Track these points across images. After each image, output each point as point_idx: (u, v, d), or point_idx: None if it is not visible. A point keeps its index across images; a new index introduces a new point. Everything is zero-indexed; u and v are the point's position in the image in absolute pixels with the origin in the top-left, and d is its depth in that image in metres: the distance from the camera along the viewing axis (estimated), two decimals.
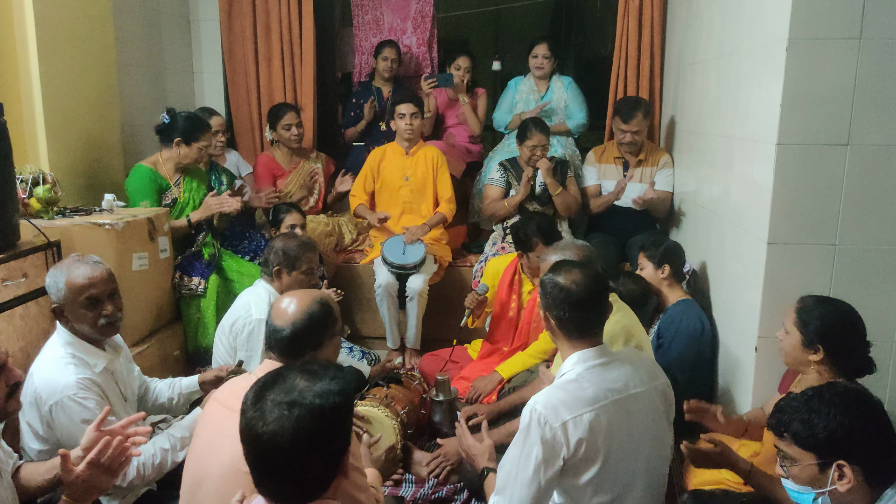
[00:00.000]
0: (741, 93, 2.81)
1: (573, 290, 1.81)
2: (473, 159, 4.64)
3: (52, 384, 2.03)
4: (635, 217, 3.94)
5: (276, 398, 1.27)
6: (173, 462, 2.15)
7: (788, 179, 2.40)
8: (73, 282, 2.09)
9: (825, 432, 1.47)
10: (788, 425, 1.53)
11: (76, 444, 2.01)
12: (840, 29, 2.30)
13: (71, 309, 2.10)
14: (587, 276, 1.84)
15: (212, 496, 1.61)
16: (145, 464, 2.09)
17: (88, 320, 2.11)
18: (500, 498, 1.79)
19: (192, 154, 3.35)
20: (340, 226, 4.27)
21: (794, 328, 2.06)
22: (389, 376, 3.02)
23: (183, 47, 4.58)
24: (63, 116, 3.17)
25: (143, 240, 2.99)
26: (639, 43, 4.29)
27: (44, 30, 3.02)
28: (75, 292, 2.08)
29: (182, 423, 2.25)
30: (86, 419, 1.99)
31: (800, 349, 2.04)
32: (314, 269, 2.82)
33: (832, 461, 1.47)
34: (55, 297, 2.10)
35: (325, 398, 1.28)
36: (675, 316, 2.98)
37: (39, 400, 2.03)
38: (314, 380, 1.31)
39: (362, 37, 4.97)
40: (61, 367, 2.06)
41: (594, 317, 1.86)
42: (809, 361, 2.03)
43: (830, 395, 1.52)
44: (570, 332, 1.84)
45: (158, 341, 3.11)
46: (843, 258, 2.42)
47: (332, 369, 1.37)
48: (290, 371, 1.34)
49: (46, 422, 2.04)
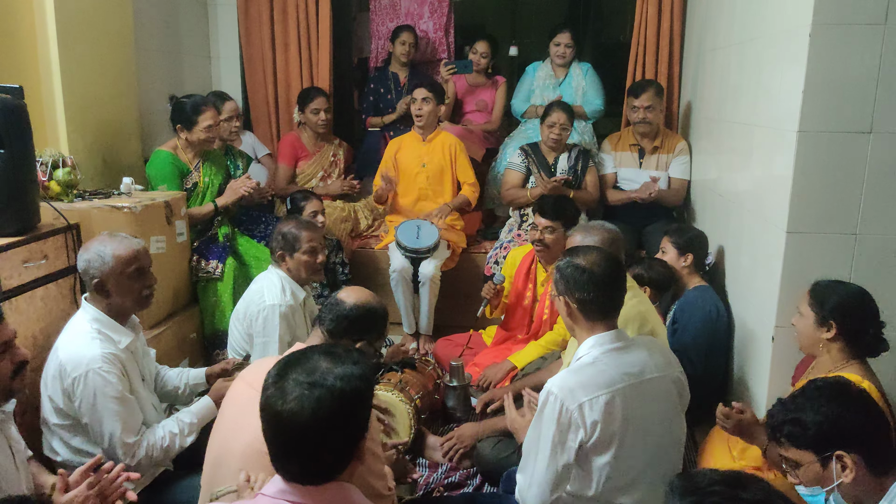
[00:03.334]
0: (762, 79, 2.78)
1: (595, 270, 1.82)
2: (491, 146, 4.62)
3: (78, 357, 2.06)
4: (651, 205, 3.92)
5: (297, 377, 1.28)
6: (181, 446, 2.19)
7: (809, 167, 2.37)
8: (121, 254, 2.15)
9: (815, 426, 1.49)
10: (781, 429, 1.55)
11: (92, 420, 2.05)
12: (864, 14, 2.25)
13: (117, 281, 2.15)
14: (604, 256, 1.87)
15: (234, 474, 1.63)
16: (154, 445, 2.13)
17: (134, 292, 2.18)
18: (522, 477, 1.83)
19: (199, 136, 3.34)
20: (356, 211, 4.29)
21: (807, 309, 2.07)
22: (404, 361, 3.03)
23: (200, 32, 4.59)
24: (82, 100, 3.19)
25: (160, 223, 3.01)
26: (658, 28, 4.24)
27: (63, 14, 3.03)
28: (124, 263, 2.15)
29: (191, 410, 2.29)
30: (108, 394, 2.04)
31: (813, 328, 2.04)
32: (317, 248, 2.79)
33: (831, 454, 1.48)
34: (98, 271, 2.13)
35: (347, 381, 1.29)
36: (692, 300, 2.99)
37: (63, 372, 2.06)
38: (337, 362, 1.32)
39: (379, 22, 4.95)
40: (87, 341, 2.09)
41: (618, 295, 1.88)
42: (822, 340, 2.03)
43: (812, 390, 1.55)
44: (593, 313, 1.85)
45: (176, 324, 3.14)
46: (863, 248, 2.39)
47: (356, 353, 1.38)
48: (313, 352, 1.35)
49: (68, 394, 2.07)
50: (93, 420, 2.06)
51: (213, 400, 2.31)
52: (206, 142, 3.39)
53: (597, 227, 2.49)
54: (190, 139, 3.36)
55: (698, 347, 2.85)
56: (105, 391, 2.04)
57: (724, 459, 2.35)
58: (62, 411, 2.10)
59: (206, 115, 3.34)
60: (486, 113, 4.68)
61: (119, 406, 2.06)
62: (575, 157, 3.90)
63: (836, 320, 2.00)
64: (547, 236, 3.04)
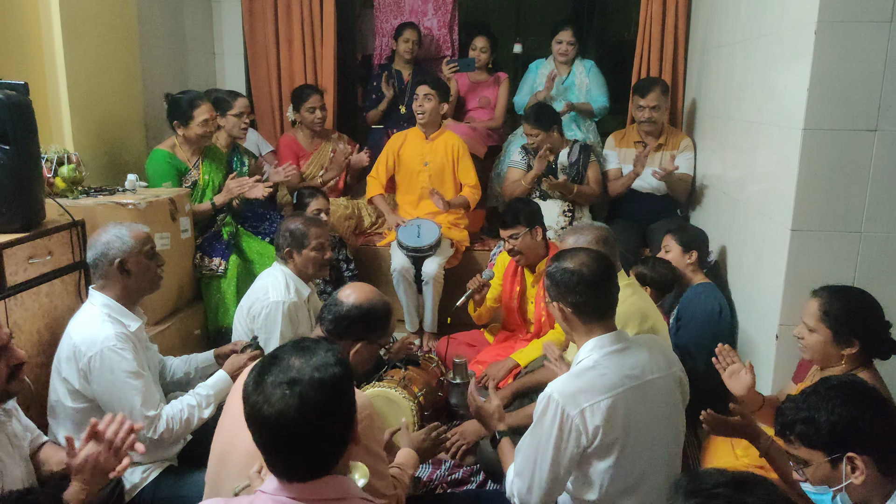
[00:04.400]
0: (767, 76, 2.77)
1: (584, 271, 1.82)
2: (493, 143, 4.62)
3: (92, 337, 2.10)
4: (656, 203, 3.91)
5: (275, 379, 1.28)
6: (200, 419, 2.23)
7: (814, 165, 2.37)
8: (138, 234, 2.25)
9: (828, 427, 1.46)
10: (792, 427, 1.52)
11: (111, 398, 2.06)
12: (870, 12, 2.25)
13: (136, 260, 2.22)
14: (592, 256, 1.87)
15: (238, 471, 1.64)
16: (174, 417, 2.16)
17: (151, 271, 2.28)
18: (520, 481, 1.81)
19: (196, 131, 3.32)
20: (360, 208, 4.29)
21: (820, 326, 2.01)
22: (407, 358, 3.03)
23: (204, 28, 4.60)
24: (87, 97, 3.20)
25: (164, 220, 3.02)
26: (662, 25, 4.23)
27: (68, 11, 3.04)
28: (141, 242, 2.23)
29: (207, 383, 2.32)
30: (125, 369, 2.07)
31: (831, 346, 2.00)
32: (324, 244, 2.80)
33: (842, 455, 1.46)
34: (119, 251, 2.18)
35: (324, 370, 1.30)
36: (694, 297, 2.99)
37: (78, 352, 2.09)
38: (309, 355, 1.33)
39: (383, 19, 4.94)
40: (100, 323, 2.14)
41: (611, 293, 1.86)
42: (842, 356, 2.00)
43: (826, 389, 1.52)
44: (588, 315, 1.84)
45: (179, 320, 3.14)
46: (868, 246, 2.39)
47: (324, 343, 1.39)
48: (283, 352, 1.36)
49: (84, 374, 2.09)
50: (111, 398, 2.09)
51: (227, 373, 2.34)
52: (203, 137, 3.37)
53: (587, 227, 2.49)
54: (187, 135, 3.34)
55: (701, 344, 2.84)
56: (122, 366, 2.07)
57: (728, 457, 2.34)
58: (78, 393, 2.12)
59: (202, 109, 3.32)
60: (488, 110, 4.68)
61: (136, 381, 2.10)
62: (577, 154, 3.89)
63: (859, 337, 1.96)
64: (515, 243, 3.05)
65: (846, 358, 2.00)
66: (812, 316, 2.03)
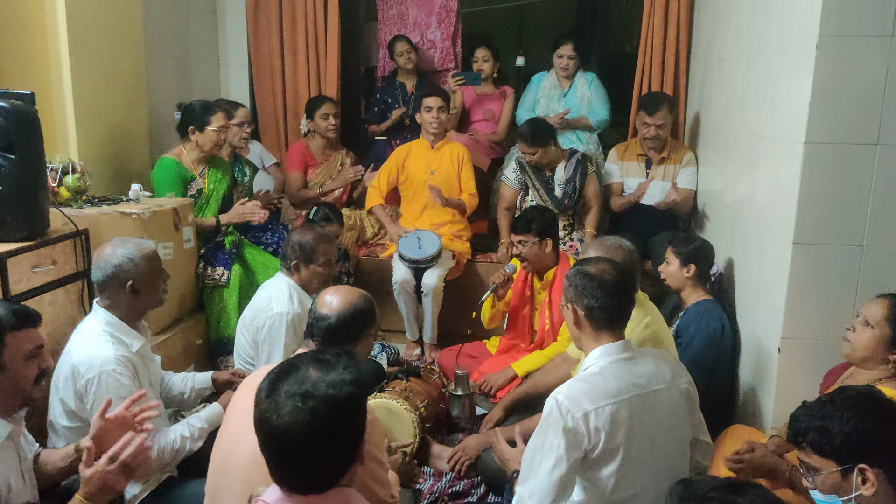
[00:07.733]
0: (769, 90, 2.78)
1: (605, 277, 1.85)
2: (497, 155, 4.64)
3: (92, 358, 2.08)
4: (657, 216, 3.91)
5: (289, 389, 1.26)
6: (190, 450, 2.20)
7: (816, 179, 2.37)
8: (148, 253, 2.22)
9: (841, 437, 1.46)
10: (805, 435, 1.52)
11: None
12: (871, 26, 2.26)
13: (147, 280, 2.20)
14: (613, 265, 1.91)
15: (238, 481, 1.64)
16: (165, 448, 2.13)
17: (159, 290, 2.26)
18: (523, 488, 1.81)
19: (210, 138, 3.35)
20: (362, 219, 4.30)
21: (883, 324, 2.02)
22: (409, 370, 3.03)
23: (210, 40, 4.63)
24: (92, 107, 3.22)
25: (168, 229, 3.03)
26: (664, 39, 4.24)
27: (74, 21, 3.06)
28: (150, 261, 2.21)
29: (201, 416, 2.30)
30: (122, 396, 2.03)
31: (883, 347, 2.02)
32: (332, 260, 2.81)
33: (853, 466, 1.45)
34: (133, 273, 2.17)
35: (339, 388, 1.27)
36: (696, 315, 2.93)
37: (77, 373, 2.08)
38: (327, 370, 1.30)
39: (387, 31, 4.98)
40: (101, 343, 2.12)
41: (626, 304, 1.90)
42: (889, 360, 2.01)
43: (842, 399, 1.51)
44: (599, 321, 1.86)
45: (182, 331, 3.15)
46: (870, 260, 2.39)
47: (345, 359, 1.36)
48: (302, 361, 1.33)
49: (80, 396, 2.08)
50: None
51: (222, 406, 2.32)
52: (216, 145, 3.41)
53: (613, 245, 2.43)
54: (201, 140, 3.37)
55: (701, 366, 2.79)
56: (118, 393, 2.05)
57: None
58: (73, 413, 2.11)
59: (218, 116, 3.38)
60: (493, 123, 4.69)
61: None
62: (573, 168, 3.87)
63: None
64: (523, 249, 3.06)
65: (893, 363, 2.01)
66: (876, 314, 2.05)
